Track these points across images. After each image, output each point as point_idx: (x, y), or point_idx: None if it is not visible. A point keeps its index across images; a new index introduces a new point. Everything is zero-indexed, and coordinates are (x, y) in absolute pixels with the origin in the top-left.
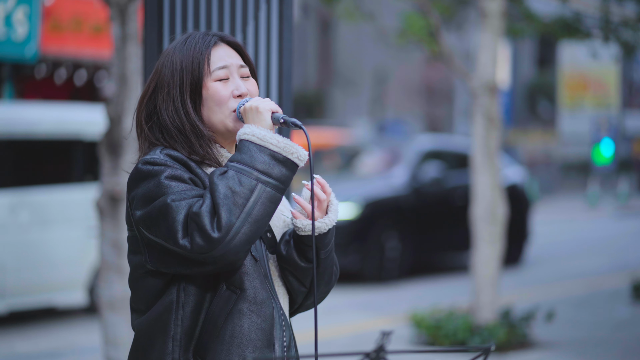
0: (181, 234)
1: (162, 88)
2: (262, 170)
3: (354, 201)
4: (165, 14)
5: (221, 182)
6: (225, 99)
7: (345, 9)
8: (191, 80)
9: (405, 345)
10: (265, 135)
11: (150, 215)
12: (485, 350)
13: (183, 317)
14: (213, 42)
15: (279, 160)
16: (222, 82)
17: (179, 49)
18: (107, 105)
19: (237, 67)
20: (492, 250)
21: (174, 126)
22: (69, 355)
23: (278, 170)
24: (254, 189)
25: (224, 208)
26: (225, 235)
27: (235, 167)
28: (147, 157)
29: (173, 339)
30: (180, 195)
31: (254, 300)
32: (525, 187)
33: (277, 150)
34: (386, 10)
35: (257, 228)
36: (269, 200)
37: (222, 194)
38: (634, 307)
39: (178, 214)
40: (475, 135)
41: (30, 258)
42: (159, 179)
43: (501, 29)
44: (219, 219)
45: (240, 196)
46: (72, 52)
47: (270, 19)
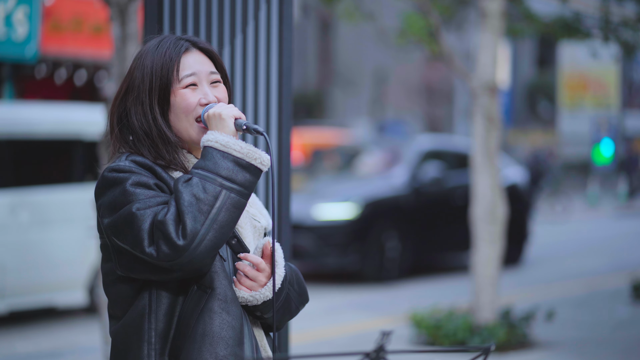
0: (147, 242)
1: (133, 91)
2: (225, 176)
3: (354, 201)
4: (165, 14)
5: (185, 189)
6: (191, 106)
7: (345, 9)
8: (160, 86)
9: (405, 345)
10: (228, 141)
11: (116, 224)
12: (485, 350)
13: (157, 321)
14: (184, 48)
15: (243, 166)
16: (191, 89)
17: (151, 52)
18: (107, 105)
19: (207, 74)
20: (492, 250)
21: (142, 130)
22: (69, 355)
23: (242, 176)
24: (218, 195)
25: (189, 215)
26: (190, 242)
27: (199, 173)
28: (113, 164)
29: (148, 343)
30: (145, 203)
31: (224, 298)
32: (525, 187)
33: (240, 156)
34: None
35: (222, 234)
36: (234, 206)
37: (186, 201)
38: (634, 307)
39: (143, 222)
40: (475, 135)
41: (30, 258)
42: (124, 186)
43: (501, 29)
44: (184, 227)
45: (204, 203)
46: (72, 52)
47: (270, 19)
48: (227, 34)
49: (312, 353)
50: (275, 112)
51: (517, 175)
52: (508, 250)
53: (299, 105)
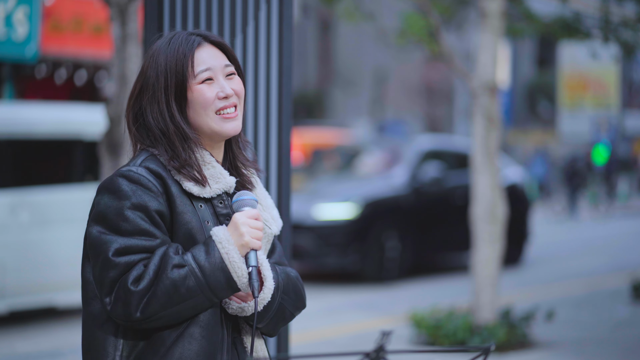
0: (106, 291)
1: (147, 90)
2: (212, 287)
3: (354, 201)
4: (165, 14)
5: (172, 276)
6: (210, 101)
7: (345, 9)
8: (175, 83)
9: (405, 345)
10: (236, 261)
11: (92, 246)
12: (485, 350)
13: (125, 329)
14: (197, 43)
15: (232, 288)
16: (207, 83)
17: (164, 50)
18: (107, 105)
19: (222, 67)
20: (492, 250)
21: (158, 128)
22: (69, 355)
23: (225, 293)
24: (194, 296)
25: (159, 300)
26: (146, 319)
27: (192, 268)
28: (126, 169)
29: (114, 347)
30: (125, 246)
31: (206, 326)
32: (525, 187)
33: (236, 281)
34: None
35: (175, 321)
36: (201, 308)
37: (165, 287)
38: (634, 307)
39: (112, 271)
40: (475, 135)
41: (30, 258)
42: (121, 206)
43: (501, 29)
44: (147, 304)
45: (179, 296)
46: (72, 52)
47: (270, 19)
48: (227, 34)
49: (312, 353)
50: (275, 112)
51: (517, 175)
52: (508, 250)
53: (299, 105)
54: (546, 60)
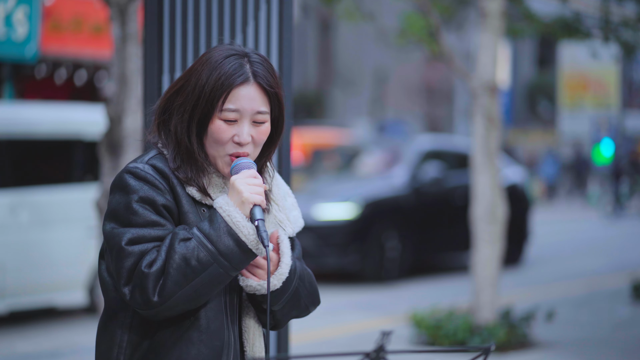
0: (124, 281)
1: (182, 95)
2: (223, 252)
3: (354, 201)
4: (165, 14)
5: (180, 249)
6: (223, 141)
7: (345, 9)
8: (204, 107)
9: (405, 345)
10: (239, 221)
11: (107, 240)
12: (485, 350)
13: (131, 327)
14: (241, 80)
15: (243, 250)
16: (229, 123)
17: (213, 65)
18: (107, 105)
19: (252, 113)
20: (492, 250)
21: (176, 137)
22: (69, 355)
23: (238, 257)
24: (208, 267)
25: (172, 278)
26: (164, 301)
27: (199, 238)
28: (132, 164)
29: (119, 346)
30: (138, 235)
31: (206, 330)
32: (525, 187)
33: (245, 240)
34: (386, 10)
35: (196, 301)
36: (218, 281)
37: (176, 263)
38: (634, 307)
39: (127, 260)
40: (475, 135)
41: (30, 258)
42: (130, 200)
43: (501, 29)
44: (163, 286)
45: (192, 270)
46: (72, 52)
47: (270, 19)
48: (227, 34)
49: (312, 353)
50: None
51: (517, 175)
52: (508, 250)
53: (299, 105)
54: (546, 60)
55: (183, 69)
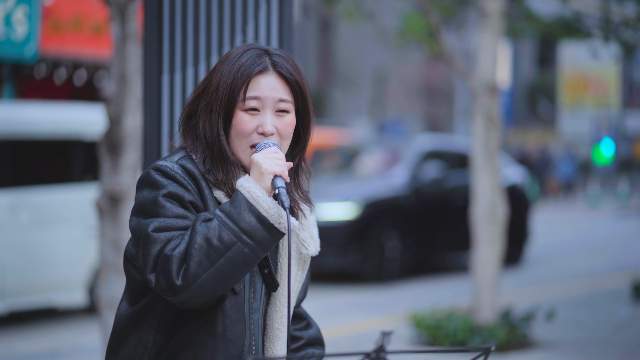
0: (150, 268)
1: (207, 96)
2: (245, 230)
3: (354, 201)
4: (165, 14)
5: (201, 230)
6: (246, 132)
7: (345, 9)
8: (226, 102)
9: (405, 345)
10: (259, 196)
11: (135, 234)
12: (485, 350)
13: (158, 327)
14: (260, 68)
15: (265, 225)
16: (251, 113)
17: (232, 60)
18: (107, 105)
19: (274, 101)
20: (492, 250)
21: (205, 139)
22: (69, 355)
23: (262, 234)
24: (231, 246)
25: (195, 259)
26: (187, 285)
27: (220, 218)
28: (161, 162)
29: (144, 346)
30: (165, 223)
31: (222, 337)
32: (525, 187)
33: (265, 215)
34: (386, 10)
35: (224, 285)
36: (243, 262)
37: (197, 243)
38: (634, 307)
39: (153, 247)
40: (475, 135)
41: (30, 258)
42: (157, 194)
43: (501, 29)
44: (186, 268)
45: (215, 250)
46: (72, 52)
47: (270, 19)
48: (227, 34)
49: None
50: None
51: (517, 175)
52: (508, 250)
53: None
54: (546, 60)
55: (183, 69)
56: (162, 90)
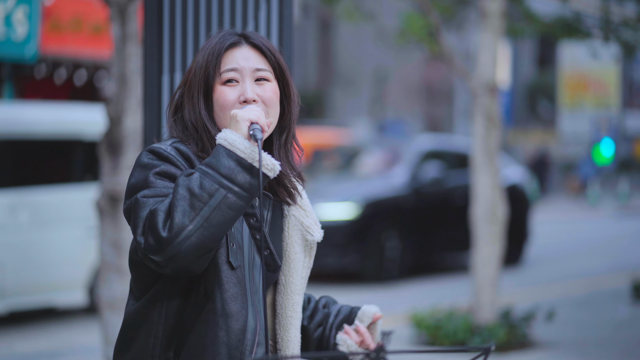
0: (140, 230)
1: (187, 84)
2: (225, 175)
3: (354, 201)
4: (165, 14)
5: (183, 182)
6: (228, 104)
7: (345, 9)
8: (203, 80)
9: (405, 345)
10: (235, 139)
11: (128, 209)
12: (485, 350)
13: (166, 316)
14: (230, 42)
15: (245, 167)
16: (230, 85)
17: (206, 47)
18: (107, 105)
19: (252, 71)
20: (492, 250)
21: (191, 123)
22: (69, 355)
23: (242, 177)
24: (214, 193)
25: (178, 209)
26: (174, 237)
27: (201, 169)
28: (156, 145)
29: (155, 337)
30: (154, 191)
31: (222, 312)
32: (525, 187)
33: (243, 156)
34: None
35: (211, 234)
36: (228, 207)
37: (179, 194)
38: (634, 307)
39: (142, 209)
40: (475, 135)
41: (30, 258)
42: (148, 173)
43: (501, 29)
44: (171, 220)
45: (198, 199)
46: (72, 52)
47: (270, 19)
48: None
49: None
50: None
51: (517, 175)
52: (508, 250)
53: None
54: (546, 60)
55: (183, 69)
56: (162, 90)
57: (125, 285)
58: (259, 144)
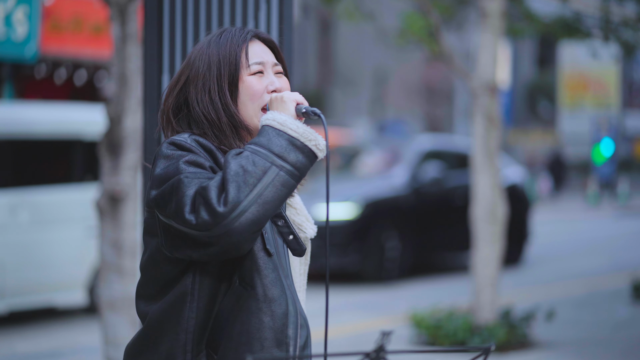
0: (188, 209)
1: (196, 80)
2: (277, 153)
3: (354, 201)
4: (165, 14)
5: (234, 160)
6: (259, 93)
7: (345, 9)
8: (229, 72)
9: (405, 345)
10: (285, 120)
11: (163, 194)
12: (485, 350)
13: (198, 310)
14: (250, 36)
15: (297, 146)
16: (257, 76)
17: (215, 42)
18: (107, 105)
19: (272, 64)
20: (492, 250)
21: (207, 119)
22: (69, 355)
23: (294, 155)
24: (267, 170)
25: (233, 184)
26: (230, 211)
27: (251, 148)
28: (175, 138)
29: (186, 331)
30: (194, 174)
31: (264, 298)
32: (525, 187)
33: (295, 135)
34: (386, 10)
35: (265, 210)
36: (282, 184)
37: (233, 170)
38: (634, 307)
39: (188, 188)
40: (475, 135)
41: (30, 258)
42: (178, 162)
43: (501, 29)
44: (226, 194)
45: (251, 175)
46: (72, 52)
47: (270, 19)
48: None
49: (313, 353)
50: None
51: (517, 175)
52: (508, 250)
53: None
54: (546, 60)
55: None
56: (162, 90)
57: (126, 285)
58: (322, 117)
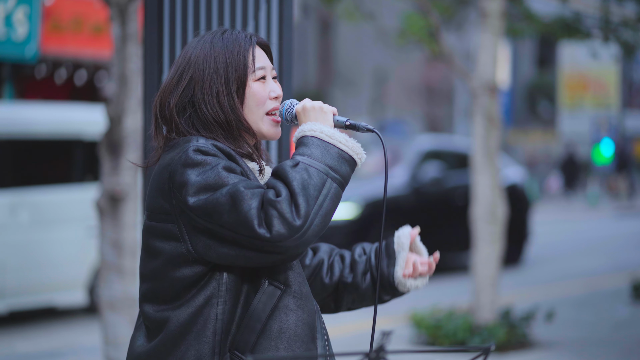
0: (257, 221)
1: (202, 82)
2: (331, 166)
3: (354, 201)
4: (165, 14)
5: (295, 173)
6: (264, 99)
7: (345, 9)
8: (237, 76)
9: (405, 345)
10: (334, 133)
11: (213, 203)
12: (485, 350)
13: (224, 312)
14: (254, 41)
15: (345, 159)
16: (261, 82)
17: (219, 43)
18: (107, 105)
19: (270, 69)
20: (492, 250)
21: (217, 121)
22: (69, 355)
23: (344, 168)
24: (324, 183)
25: (302, 197)
26: (304, 223)
27: (306, 160)
28: (196, 144)
29: (215, 333)
30: (248, 184)
31: (300, 295)
32: (525, 187)
33: (345, 149)
34: (386, 10)
35: (326, 222)
36: (336, 196)
37: (298, 183)
38: (634, 307)
39: (252, 201)
40: (475, 135)
41: (30, 258)
42: (217, 169)
43: (501, 29)
44: (297, 207)
45: (313, 188)
46: (72, 52)
47: (270, 19)
48: None
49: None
50: None
51: (517, 175)
52: (508, 250)
53: None
54: (546, 60)
55: None
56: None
57: (126, 285)
58: (377, 133)
